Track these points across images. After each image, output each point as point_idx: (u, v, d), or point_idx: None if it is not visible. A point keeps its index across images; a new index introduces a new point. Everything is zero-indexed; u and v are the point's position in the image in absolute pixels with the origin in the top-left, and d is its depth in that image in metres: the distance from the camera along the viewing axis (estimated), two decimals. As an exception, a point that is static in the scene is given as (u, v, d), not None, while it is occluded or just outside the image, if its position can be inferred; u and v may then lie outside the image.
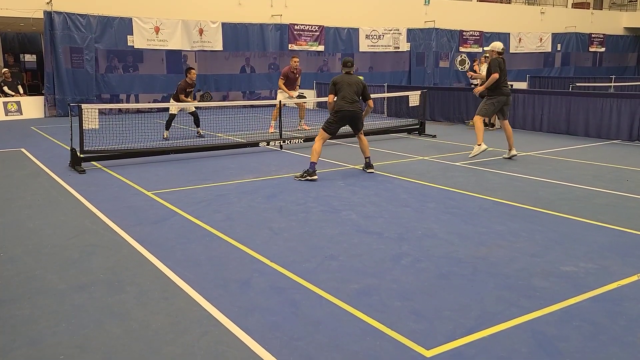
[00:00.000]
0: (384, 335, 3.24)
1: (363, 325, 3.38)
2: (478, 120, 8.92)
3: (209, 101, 14.75)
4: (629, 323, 3.39)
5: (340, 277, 4.11)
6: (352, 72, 8.06)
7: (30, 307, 3.67)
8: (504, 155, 9.19)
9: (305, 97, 13.22)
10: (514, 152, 9.09)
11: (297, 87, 13.02)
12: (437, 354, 3.03)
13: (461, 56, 11.75)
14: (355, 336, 3.23)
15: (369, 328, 3.33)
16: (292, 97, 12.56)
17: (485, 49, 9.30)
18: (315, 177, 7.46)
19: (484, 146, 8.70)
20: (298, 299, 3.74)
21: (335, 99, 7.83)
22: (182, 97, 11.46)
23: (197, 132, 11.99)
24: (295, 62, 12.63)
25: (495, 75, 8.61)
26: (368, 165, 8.06)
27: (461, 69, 11.46)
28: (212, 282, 4.05)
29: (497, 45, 8.91)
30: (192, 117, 11.99)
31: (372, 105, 8.31)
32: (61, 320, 3.46)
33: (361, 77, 8.41)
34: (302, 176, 7.49)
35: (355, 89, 7.87)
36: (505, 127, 9.16)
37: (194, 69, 11.78)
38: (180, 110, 11.96)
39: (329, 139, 8.13)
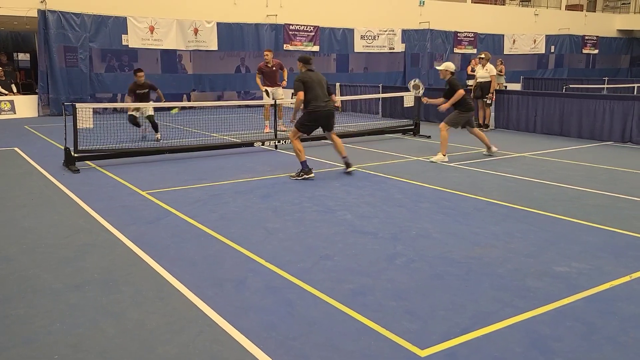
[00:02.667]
0: (378, 335, 3.25)
1: (358, 325, 3.39)
2: (443, 129, 8.94)
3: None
4: (622, 323, 3.41)
5: (335, 277, 4.12)
6: (313, 69, 7.77)
7: (24, 306, 3.66)
8: (484, 152, 9.47)
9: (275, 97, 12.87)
10: (494, 148, 9.35)
11: (284, 82, 12.83)
12: (432, 354, 3.05)
13: (415, 80, 11.58)
14: (350, 336, 3.25)
15: (364, 328, 3.35)
16: (262, 90, 12.45)
17: (438, 68, 9.33)
18: (312, 174, 7.43)
19: (445, 158, 8.83)
20: (293, 299, 3.75)
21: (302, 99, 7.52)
22: (128, 99, 11.00)
23: (156, 138, 11.02)
24: (265, 55, 12.48)
25: (461, 92, 8.79)
26: (347, 164, 7.88)
27: (415, 93, 11.28)
28: (207, 281, 4.05)
29: (450, 65, 9.13)
30: (150, 123, 11.06)
31: (337, 101, 8.12)
32: (56, 320, 3.46)
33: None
34: (298, 175, 7.47)
35: (324, 86, 7.66)
36: (477, 133, 9.38)
37: (141, 70, 11.15)
38: (137, 111, 11.10)
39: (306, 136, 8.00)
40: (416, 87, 11.58)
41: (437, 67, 9.43)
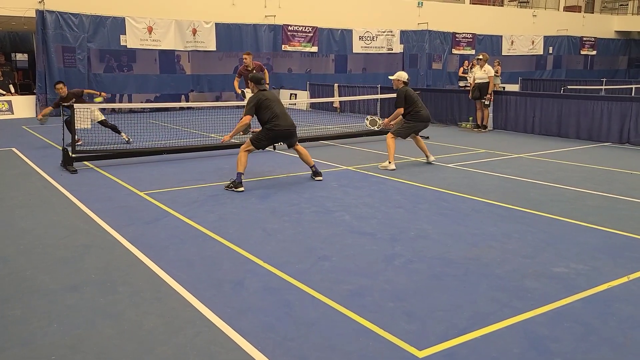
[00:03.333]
0: (376, 336, 3.25)
1: (356, 325, 3.39)
2: (389, 138, 8.57)
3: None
4: (619, 324, 3.42)
5: (333, 278, 4.12)
6: (266, 88, 7.58)
7: (22, 307, 3.65)
8: (422, 159, 8.97)
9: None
10: (432, 158, 8.86)
11: (267, 85, 12.68)
12: (430, 355, 3.05)
13: (370, 117, 11.18)
14: (348, 337, 3.24)
15: (362, 328, 3.34)
16: (238, 92, 12.37)
17: (390, 77, 8.88)
18: (242, 188, 6.84)
19: (392, 166, 8.34)
20: (291, 300, 3.75)
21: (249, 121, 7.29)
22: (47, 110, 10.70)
23: (125, 140, 10.75)
24: (244, 59, 12.19)
25: (400, 110, 8.50)
26: (316, 173, 7.58)
27: (377, 128, 10.82)
28: (205, 282, 4.05)
29: (402, 75, 8.73)
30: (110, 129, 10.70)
31: None
32: (53, 321, 3.45)
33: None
34: (228, 187, 6.94)
35: (282, 103, 7.46)
36: (417, 141, 8.95)
37: (60, 82, 10.57)
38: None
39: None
40: (373, 122, 11.02)
41: (390, 77, 8.95)
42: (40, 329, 3.34)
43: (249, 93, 12.55)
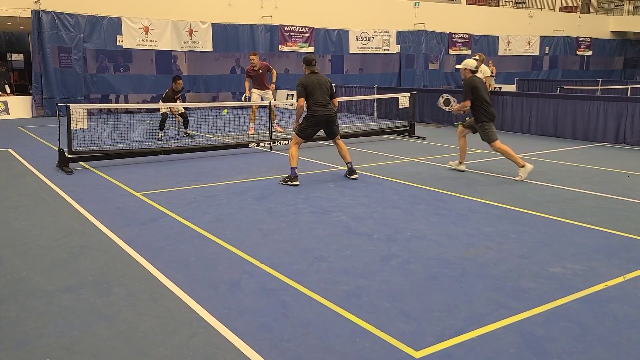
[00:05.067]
0: (373, 337, 3.25)
1: (352, 326, 3.38)
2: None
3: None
4: (615, 324, 3.42)
5: (330, 279, 4.12)
6: (317, 71, 7.60)
7: (17, 308, 3.63)
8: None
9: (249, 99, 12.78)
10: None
11: (273, 85, 12.59)
12: (426, 355, 3.05)
13: (446, 95, 10.78)
14: (344, 337, 3.24)
15: (359, 329, 3.34)
16: (246, 95, 12.40)
17: (457, 66, 8.56)
18: (297, 182, 7.21)
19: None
20: (288, 301, 3.74)
21: (305, 103, 7.37)
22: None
23: (185, 133, 12.09)
24: (251, 59, 12.34)
25: (467, 103, 7.89)
26: (351, 171, 7.64)
27: (448, 109, 10.31)
28: (202, 283, 4.04)
29: (470, 63, 7.98)
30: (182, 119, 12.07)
31: (337, 105, 7.72)
32: (49, 322, 3.44)
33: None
34: (284, 181, 7.32)
35: (326, 90, 7.42)
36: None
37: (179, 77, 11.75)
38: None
39: (305, 142, 7.77)
40: (447, 102, 10.88)
41: (457, 66, 8.48)
42: (35, 331, 3.33)
43: (254, 94, 12.56)
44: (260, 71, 12.43)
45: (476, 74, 8.06)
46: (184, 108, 12.25)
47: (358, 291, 3.89)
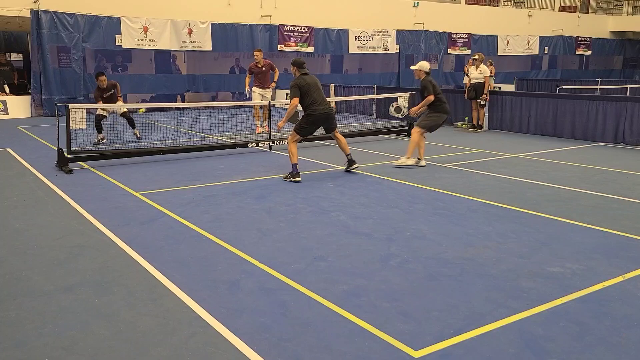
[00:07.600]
0: (372, 336, 3.25)
1: (352, 326, 3.38)
2: (415, 133, 8.48)
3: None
4: (614, 323, 3.43)
5: (329, 278, 4.12)
6: (307, 72, 7.76)
7: (15, 308, 3.63)
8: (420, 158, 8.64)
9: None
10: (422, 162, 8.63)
11: (273, 83, 12.56)
12: (426, 355, 3.05)
13: (396, 104, 10.70)
14: (343, 337, 3.24)
15: (358, 329, 3.34)
16: (247, 92, 12.41)
17: (412, 67, 8.55)
18: (299, 178, 7.40)
19: (410, 161, 8.09)
20: (287, 300, 3.74)
21: (298, 104, 7.54)
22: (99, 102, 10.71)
23: (134, 134, 11.14)
24: (255, 55, 12.34)
25: (431, 97, 8.24)
26: (351, 162, 7.93)
27: (401, 115, 10.21)
28: (201, 283, 4.04)
29: (424, 65, 8.49)
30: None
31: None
32: (47, 322, 3.43)
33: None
34: (286, 177, 7.50)
35: (320, 88, 7.73)
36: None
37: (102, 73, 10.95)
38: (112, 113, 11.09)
39: (301, 140, 7.91)
40: (398, 110, 10.89)
41: (411, 68, 8.79)
42: (34, 330, 3.33)
43: (255, 92, 12.55)
44: (264, 69, 12.43)
45: (430, 75, 8.57)
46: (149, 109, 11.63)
47: (357, 291, 3.89)
